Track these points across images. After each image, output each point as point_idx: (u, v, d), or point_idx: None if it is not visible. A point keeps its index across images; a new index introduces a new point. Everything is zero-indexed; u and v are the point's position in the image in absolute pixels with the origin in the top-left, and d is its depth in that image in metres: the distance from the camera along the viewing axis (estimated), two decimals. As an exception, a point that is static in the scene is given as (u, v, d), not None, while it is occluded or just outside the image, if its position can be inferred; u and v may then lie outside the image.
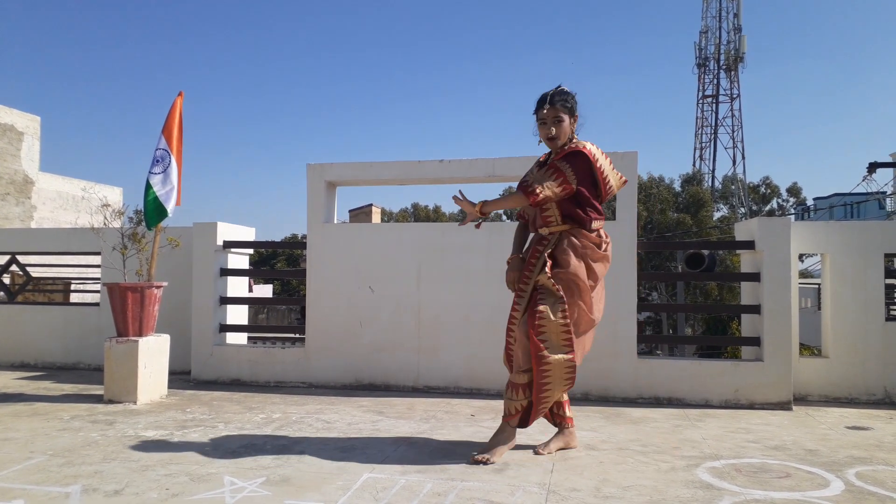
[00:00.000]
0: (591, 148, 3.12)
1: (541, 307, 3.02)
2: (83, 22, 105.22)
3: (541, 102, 3.11)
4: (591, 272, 3.14)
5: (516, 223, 3.50)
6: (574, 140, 3.16)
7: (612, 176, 3.23)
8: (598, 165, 3.11)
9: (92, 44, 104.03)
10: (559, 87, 3.16)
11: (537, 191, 3.04)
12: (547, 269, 3.08)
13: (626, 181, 3.37)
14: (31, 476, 2.74)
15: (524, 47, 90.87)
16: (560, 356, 3.00)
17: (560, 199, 3.09)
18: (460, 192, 3.20)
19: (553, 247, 3.13)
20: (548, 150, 3.26)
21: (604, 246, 3.18)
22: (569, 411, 3.28)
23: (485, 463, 2.94)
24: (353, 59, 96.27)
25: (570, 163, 3.08)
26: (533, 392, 3.06)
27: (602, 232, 3.21)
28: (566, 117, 3.10)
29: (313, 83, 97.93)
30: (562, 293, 3.04)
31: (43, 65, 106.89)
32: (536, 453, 3.12)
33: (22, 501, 2.45)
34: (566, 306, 3.03)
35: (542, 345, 3.00)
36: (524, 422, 3.18)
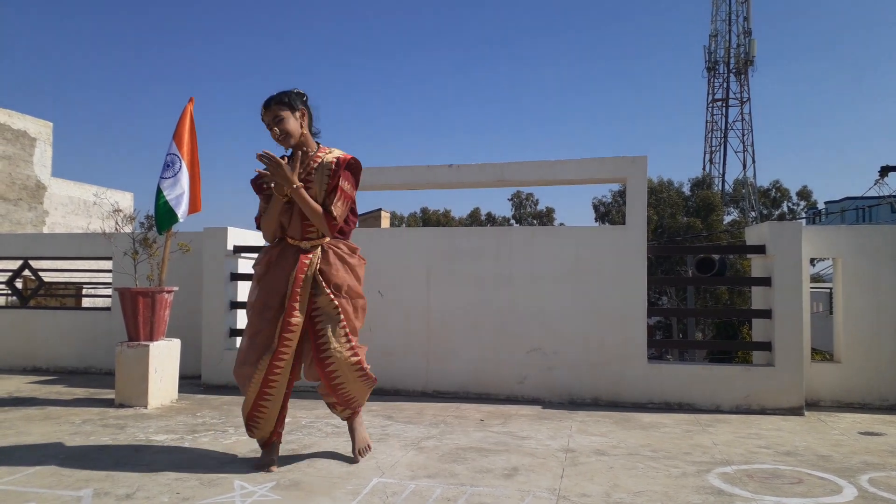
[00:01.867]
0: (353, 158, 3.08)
1: (327, 347, 2.90)
2: (96, 30, 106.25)
3: (262, 108, 3.00)
4: (359, 281, 3.12)
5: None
6: (320, 147, 3.09)
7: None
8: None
9: (104, 51, 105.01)
10: (283, 91, 3.03)
11: (338, 221, 3.00)
12: (328, 291, 2.94)
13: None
14: (43, 480, 2.76)
15: (533, 55, 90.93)
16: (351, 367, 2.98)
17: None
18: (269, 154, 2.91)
19: (318, 261, 2.98)
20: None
21: (358, 252, 3.16)
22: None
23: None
24: (361, 66, 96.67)
25: (348, 179, 3.05)
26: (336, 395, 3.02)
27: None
28: (287, 113, 2.97)
29: (322, 90, 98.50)
30: (342, 316, 2.94)
31: (55, 71, 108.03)
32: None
33: (34, 505, 2.47)
34: (347, 330, 2.96)
35: (337, 380, 2.96)
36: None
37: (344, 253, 3.07)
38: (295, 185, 2.91)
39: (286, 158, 3.04)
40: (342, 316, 2.95)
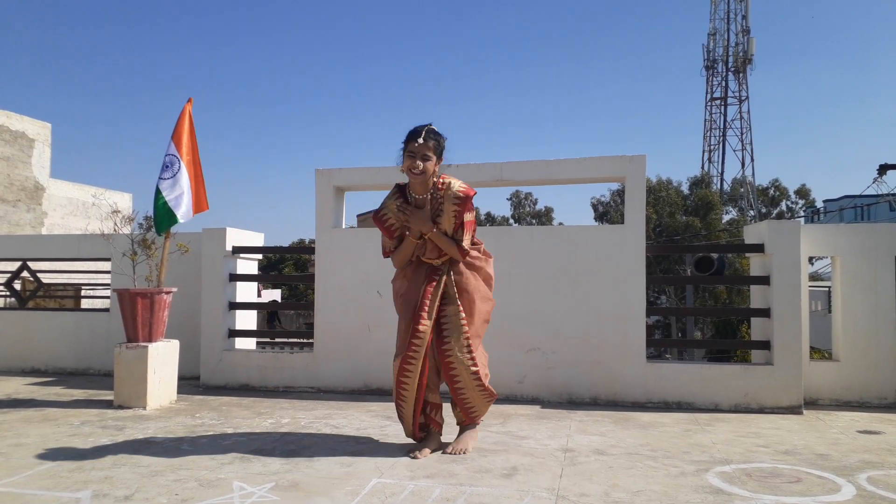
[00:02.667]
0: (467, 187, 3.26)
1: (451, 354, 3.17)
2: (94, 30, 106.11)
3: (414, 135, 3.16)
4: (489, 281, 3.37)
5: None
6: (443, 177, 3.26)
7: None
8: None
9: (102, 52, 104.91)
10: (430, 125, 3.23)
11: (468, 251, 3.22)
12: (458, 302, 3.20)
13: None
14: (42, 482, 2.76)
15: (531, 54, 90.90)
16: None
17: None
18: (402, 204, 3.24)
19: (450, 272, 3.24)
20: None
21: (482, 245, 3.39)
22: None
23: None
24: (361, 67, 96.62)
25: (470, 210, 3.23)
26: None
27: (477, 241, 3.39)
28: (433, 156, 3.17)
29: (322, 90, 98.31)
30: (465, 325, 3.18)
31: (54, 72, 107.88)
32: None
33: (33, 507, 2.47)
34: (470, 340, 3.18)
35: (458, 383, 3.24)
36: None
37: (472, 258, 3.29)
38: (434, 231, 3.18)
39: (399, 189, 3.33)
40: (466, 326, 3.18)
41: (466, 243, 3.19)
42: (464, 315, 3.19)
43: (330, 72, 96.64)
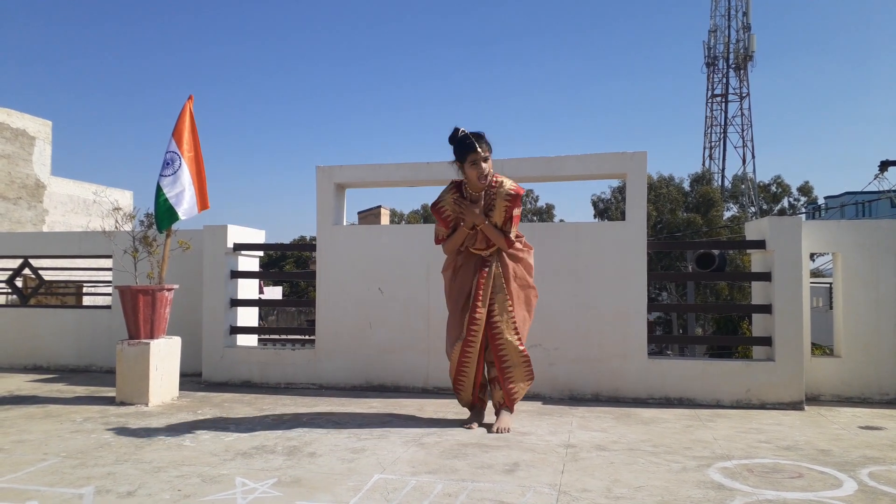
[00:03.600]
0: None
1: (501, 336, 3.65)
2: (94, 28, 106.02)
3: (471, 145, 3.56)
4: (530, 270, 3.81)
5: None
6: (496, 176, 3.71)
7: None
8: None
9: (103, 49, 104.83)
10: (474, 132, 3.64)
11: (514, 241, 3.68)
12: (505, 290, 3.67)
13: None
14: (45, 477, 2.77)
15: (532, 50, 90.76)
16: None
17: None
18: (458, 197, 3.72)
19: (496, 264, 3.69)
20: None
21: (523, 237, 3.84)
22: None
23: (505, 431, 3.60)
24: (362, 65, 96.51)
25: (518, 206, 3.65)
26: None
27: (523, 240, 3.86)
28: (490, 156, 3.65)
29: (323, 87, 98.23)
30: (512, 309, 3.65)
31: (55, 70, 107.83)
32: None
33: (36, 503, 2.48)
34: (516, 322, 3.67)
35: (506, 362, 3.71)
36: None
37: (514, 249, 3.71)
38: (486, 223, 3.61)
39: (455, 185, 3.78)
40: (513, 311, 3.63)
41: (513, 235, 3.63)
42: (510, 301, 3.63)
43: (331, 69, 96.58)
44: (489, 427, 3.63)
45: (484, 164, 3.57)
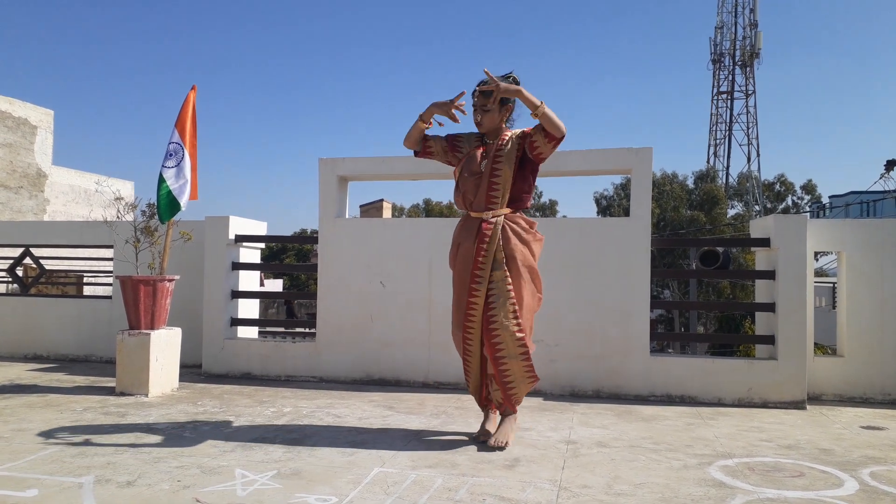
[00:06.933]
0: None
1: (494, 317, 3.12)
2: (96, 17, 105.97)
3: (484, 85, 3.17)
4: (534, 257, 3.27)
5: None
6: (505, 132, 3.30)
7: None
8: None
9: (105, 39, 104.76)
10: (508, 74, 3.22)
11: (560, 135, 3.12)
12: (504, 267, 3.16)
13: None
14: (45, 466, 2.76)
15: (537, 46, 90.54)
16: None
17: (542, 159, 3.23)
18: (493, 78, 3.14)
19: (499, 234, 3.18)
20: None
21: (535, 228, 3.31)
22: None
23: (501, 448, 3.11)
24: (365, 56, 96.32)
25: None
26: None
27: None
28: (502, 105, 3.23)
29: (326, 79, 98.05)
30: (511, 291, 3.13)
31: (56, 59, 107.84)
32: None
33: (36, 491, 2.47)
34: (516, 306, 3.13)
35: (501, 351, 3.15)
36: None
37: (520, 228, 3.23)
38: (539, 104, 3.07)
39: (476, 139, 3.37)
40: (512, 291, 3.12)
41: (547, 136, 3.11)
42: (510, 281, 3.13)
43: (334, 60, 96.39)
44: (486, 437, 3.22)
45: (481, 115, 3.22)
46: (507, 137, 3.26)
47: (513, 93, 3.10)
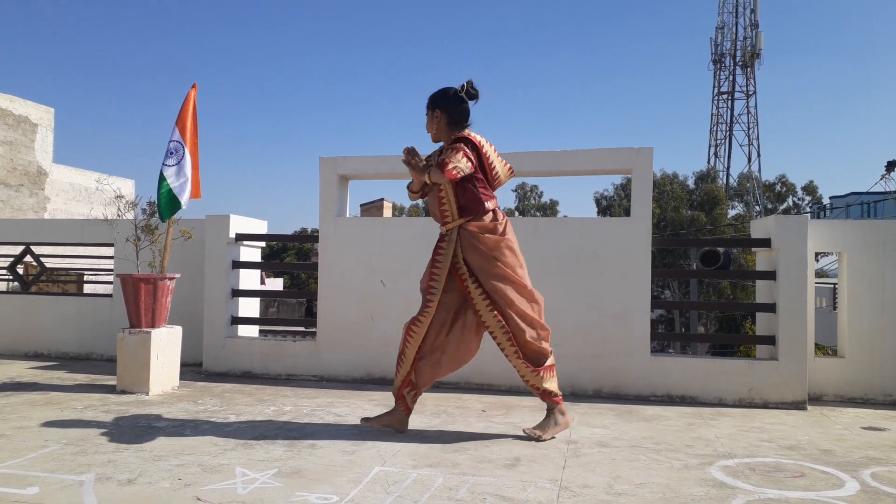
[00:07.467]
0: (477, 137, 3.33)
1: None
2: (97, 15, 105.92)
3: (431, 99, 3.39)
4: (498, 258, 3.26)
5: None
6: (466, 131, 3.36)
7: (499, 164, 3.40)
8: (484, 151, 3.32)
9: (106, 36, 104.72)
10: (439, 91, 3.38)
11: (451, 166, 3.16)
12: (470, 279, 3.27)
13: (512, 171, 3.53)
14: (46, 464, 2.76)
15: (538, 45, 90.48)
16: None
17: (467, 175, 3.22)
18: (413, 148, 3.32)
19: (455, 245, 3.28)
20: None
21: (500, 228, 3.30)
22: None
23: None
24: (367, 56, 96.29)
25: (470, 146, 3.28)
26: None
27: (497, 213, 3.36)
28: (431, 113, 3.36)
29: (326, 78, 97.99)
30: (486, 299, 3.25)
31: (57, 57, 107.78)
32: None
33: (36, 489, 2.47)
34: (495, 312, 3.26)
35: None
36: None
37: (474, 237, 3.26)
38: (425, 177, 3.24)
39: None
40: (490, 305, 3.26)
41: (454, 163, 3.16)
42: (482, 293, 3.25)
43: (335, 59, 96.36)
44: (371, 421, 3.39)
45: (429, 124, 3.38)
46: (441, 150, 3.39)
47: (411, 168, 3.28)
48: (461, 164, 3.18)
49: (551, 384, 3.33)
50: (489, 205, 3.30)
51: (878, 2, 77.88)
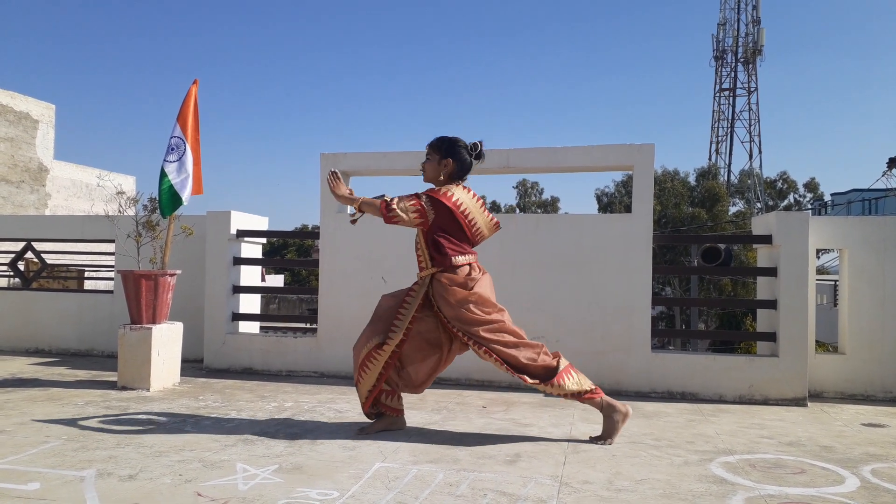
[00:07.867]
0: (457, 196, 3.25)
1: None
2: (98, 12, 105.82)
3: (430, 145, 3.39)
4: (466, 307, 3.20)
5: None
6: (451, 186, 3.30)
7: (482, 219, 3.34)
8: (461, 211, 3.24)
9: (107, 33, 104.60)
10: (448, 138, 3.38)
11: (393, 209, 3.19)
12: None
13: (498, 226, 3.45)
14: (47, 460, 2.77)
15: (540, 42, 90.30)
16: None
17: (414, 226, 3.25)
18: (337, 172, 3.37)
19: (428, 290, 3.31)
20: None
21: (470, 284, 3.23)
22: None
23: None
24: (368, 52, 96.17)
25: (433, 202, 3.22)
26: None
27: (473, 267, 3.30)
28: (440, 158, 3.33)
29: (327, 74, 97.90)
30: (466, 339, 3.22)
31: (58, 54, 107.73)
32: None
33: (38, 485, 2.48)
34: (481, 347, 3.20)
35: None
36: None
37: (442, 287, 3.24)
38: (356, 204, 3.31)
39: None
40: (470, 343, 3.23)
41: (398, 209, 3.19)
42: (461, 335, 3.23)
43: (336, 55, 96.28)
44: (364, 431, 3.33)
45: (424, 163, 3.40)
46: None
47: (337, 196, 3.35)
48: (403, 214, 3.19)
49: (575, 384, 3.20)
50: (460, 259, 3.24)
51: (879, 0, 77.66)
